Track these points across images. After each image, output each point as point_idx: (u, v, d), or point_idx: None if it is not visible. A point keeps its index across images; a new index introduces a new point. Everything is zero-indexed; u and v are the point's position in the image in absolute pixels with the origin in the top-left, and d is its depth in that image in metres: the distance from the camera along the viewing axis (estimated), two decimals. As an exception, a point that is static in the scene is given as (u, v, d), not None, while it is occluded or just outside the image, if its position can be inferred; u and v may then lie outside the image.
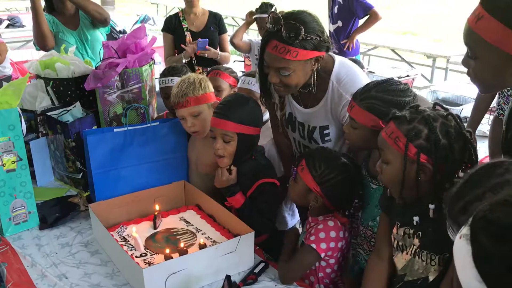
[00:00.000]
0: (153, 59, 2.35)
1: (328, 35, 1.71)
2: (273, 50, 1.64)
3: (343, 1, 4.74)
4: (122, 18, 10.65)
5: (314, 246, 1.62)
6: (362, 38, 7.49)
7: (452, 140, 1.27)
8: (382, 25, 12.12)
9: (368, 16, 4.71)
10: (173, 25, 3.66)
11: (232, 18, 10.83)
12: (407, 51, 7.26)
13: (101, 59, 2.26)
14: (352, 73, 1.79)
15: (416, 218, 1.36)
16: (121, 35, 7.50)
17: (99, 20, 3.24)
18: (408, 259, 1.42)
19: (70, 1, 3.14)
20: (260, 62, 1.78)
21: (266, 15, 2.20)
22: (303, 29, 1.59)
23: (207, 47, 3.50)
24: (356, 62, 2.91)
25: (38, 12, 3.03)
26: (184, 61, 3.53)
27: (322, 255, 1.63)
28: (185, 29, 3.64)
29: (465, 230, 0.70)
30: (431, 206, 1.30)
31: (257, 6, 4.13)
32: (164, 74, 2.49)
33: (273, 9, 3.85)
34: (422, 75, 6.22)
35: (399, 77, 3.82)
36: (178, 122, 2.14)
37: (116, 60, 2.16)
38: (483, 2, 1.15)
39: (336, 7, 4.84)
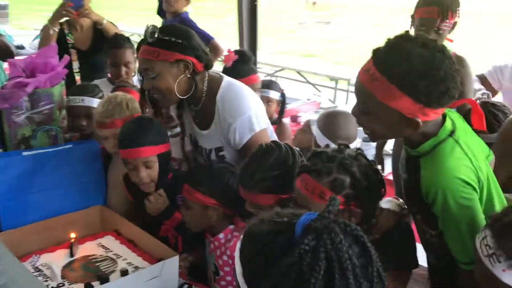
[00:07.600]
0: (64, 79, 2.25)
1: (206, 49, 1.82)
2: (141, 54, 1.75)
3: None
4: (20, 32, 10.02)
5: None
6: (269, 60, 7.74)
7: (371, 180, 1.34)
8: (288, 47, 12.50)
9: (208, 49, 3.68)
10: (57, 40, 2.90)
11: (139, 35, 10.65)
12: (311, 73, 7.63)
13: (7, 78, 2.13)
14: (237, 96, 1.79)
15: None
16: (19, 51, 7.04)
17: None
18: None
19: None
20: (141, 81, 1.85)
21: None
22: (160, 29, 1.69)
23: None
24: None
25: None
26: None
27: None
28: (70, 46, 2.97)
29: None
30: None
31: None
32: (72, 93, 2.30)
33: None
34: (329, 99, 6.54)
35: (308, 99, 3.97)
36: (93, 145, 2.06)
37: (25, 80, 2.04)
38: (377, 62, 1.18)
39: None
